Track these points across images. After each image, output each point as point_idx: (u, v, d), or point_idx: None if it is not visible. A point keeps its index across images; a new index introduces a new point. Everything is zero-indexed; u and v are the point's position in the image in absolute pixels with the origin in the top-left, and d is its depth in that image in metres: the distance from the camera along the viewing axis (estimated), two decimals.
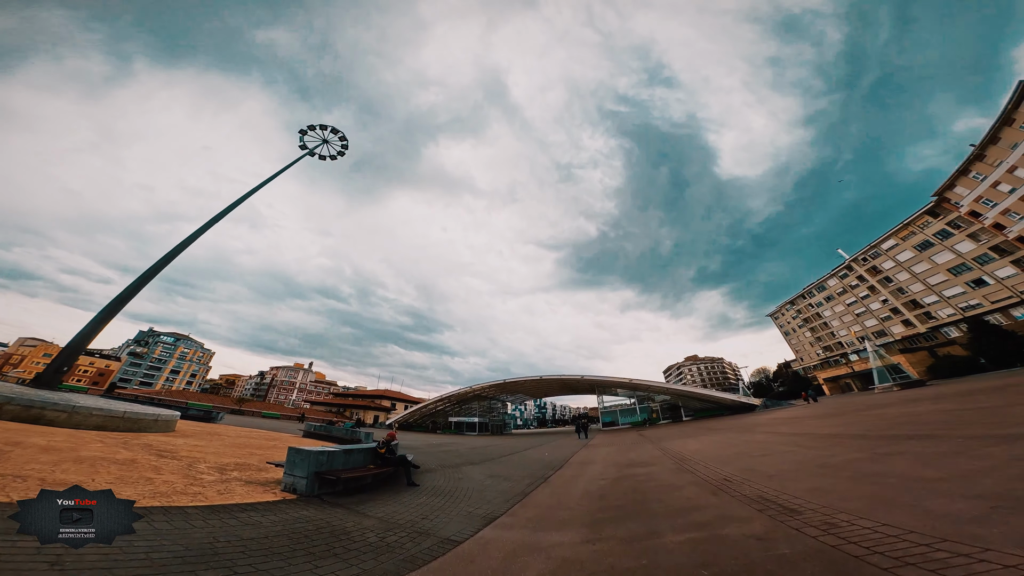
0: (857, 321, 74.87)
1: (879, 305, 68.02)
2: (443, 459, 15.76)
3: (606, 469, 11.61)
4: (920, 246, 56.99)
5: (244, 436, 17.83)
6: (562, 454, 17.56)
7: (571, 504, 7.38)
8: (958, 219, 50.83)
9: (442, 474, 11.77)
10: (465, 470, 12.74)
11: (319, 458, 8.07)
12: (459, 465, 13.93)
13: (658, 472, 9.82)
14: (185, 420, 21.54)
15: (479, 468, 13.33)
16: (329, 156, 28.98)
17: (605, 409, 52.81)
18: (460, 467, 13.44)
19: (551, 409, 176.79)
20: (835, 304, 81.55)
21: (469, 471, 12.55)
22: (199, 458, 10.10)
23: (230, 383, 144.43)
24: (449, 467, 13.41)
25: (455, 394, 56.88)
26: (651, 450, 15.52)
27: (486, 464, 14.46)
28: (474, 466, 13.85)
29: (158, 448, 10.65)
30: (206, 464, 9.44)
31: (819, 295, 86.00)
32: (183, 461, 9.34)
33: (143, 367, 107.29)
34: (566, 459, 15.18)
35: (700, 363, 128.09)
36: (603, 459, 14.40)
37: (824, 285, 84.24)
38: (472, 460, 15.72)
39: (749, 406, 41.19)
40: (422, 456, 16.33)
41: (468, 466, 13.83)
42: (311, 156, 28.04)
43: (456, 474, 11.87)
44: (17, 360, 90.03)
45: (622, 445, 19.76)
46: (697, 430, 23.43)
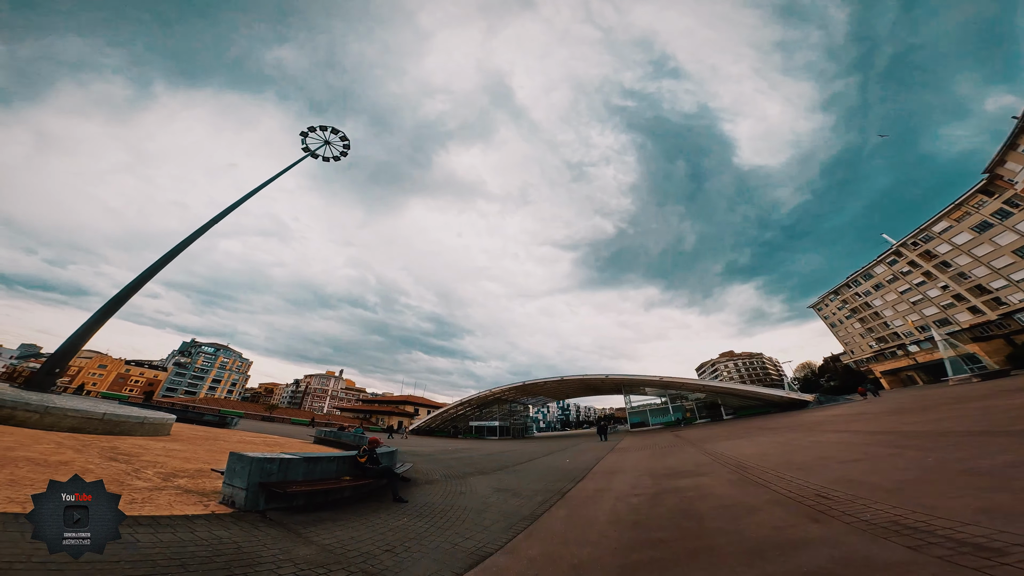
0: (914, 310, 68.31)
1: (938, 292, 61.56)
2: (451, 467, 13.89)
3: (640, 480, 9.35)
4: (978, 227, 51.37)
5: (241, 442, 16.65)
6: (585, 460, 15.29)
7: (593, 534, 5.28)
8: (1015, 197, 45.27)
9: (443, 487, 9.87)
10: (471, 481, 10.79)
11: (265, 466, 6.37)
12: (466, 475, 12.00)
13: (712, 484, 7.51)
14: (199, 425, 20.70)
15: (487, 479, 11.34)
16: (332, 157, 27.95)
17: (633, 409, 49.53)
18: (466, 478, 11.51)
19: (575, 411, 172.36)
20: (886, 292, 75.21)
21: (475, 483, 10.59)
22: (158, 463, 8.84)
23: (268, 391, 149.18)
24: (454, 477, 11.51)
25: (475, 398, 55.08)
26: (694, 454, 13.03)
27: (497, 474, 12.45)
28: (483, 476, 11.88)
29: (122, 452, 9.56)
30: (157, 470, 8.06)
31: (866, 283, 79.59)
32: (132, 465, 8.14)
33: (187, 377, 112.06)
34: (589, 467, 12.93)
35: (737, 359, 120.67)
36: (635, 466, 12.07)
37: (871, 273, 77.96)
38: (483, 468, 13.75)
39: (800, 402, 37.23)
40: (430, 464, 14.54)
41: (476, 476, 11.88)
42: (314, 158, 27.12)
43: (459, 487, 9.94)
44: (75, 371, 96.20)
45: (656, 448, 17.22)
46: (745, 430, 20.47)
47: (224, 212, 21.08)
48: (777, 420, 24.55)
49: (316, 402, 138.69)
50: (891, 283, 72.88)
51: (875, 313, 78.99)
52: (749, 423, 26.82)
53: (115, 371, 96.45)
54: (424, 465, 14.09)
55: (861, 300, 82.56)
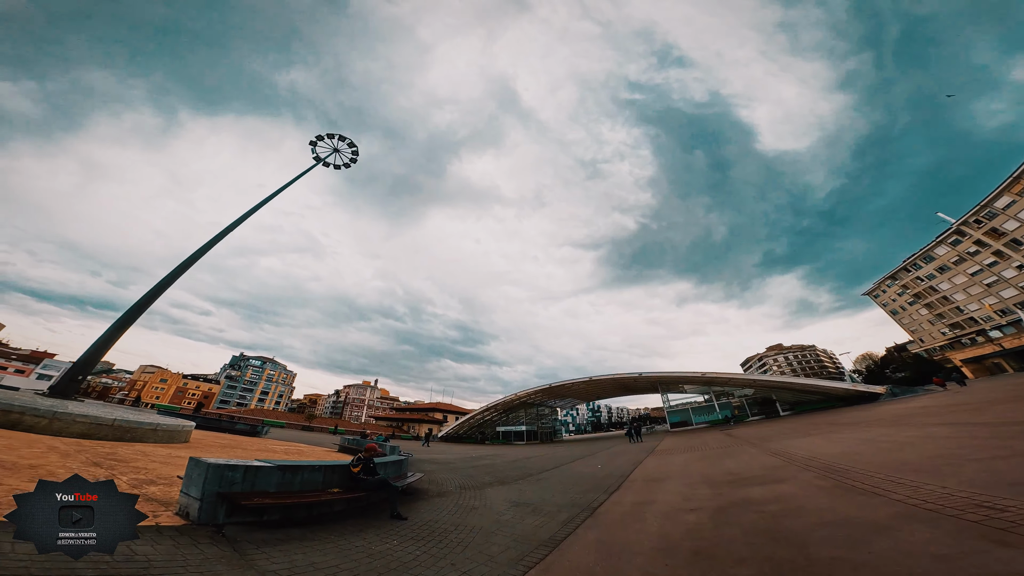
0: (990, 292, 60.90)
1: (1014, 272, 54.21)
2: (469, 477, 12.46)
3: (694, 489, 7.50)
4: None
5: (260, 449, 16.03)
6: (619, 466, 13.39)
7: (634, 569, 3.62)
8: None
9: (454, 500, 8.47)
10: (488, 494, 9.31)
11: (226, 474, 5.24)
12: (483, 486, 10.52)
13: (799, 493, 5.62)
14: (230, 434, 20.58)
15: (507, 490, 9.82)
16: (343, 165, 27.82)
17: (672, 408, 46.14)
18: (483, 489, 10.04)
19: (606, 412, 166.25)
20: (953, 275, 67.81)
21: (492, 495, 9.10)
22: (145, 469, 8.14)
23: (312, 402, 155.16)
24: (470, 488, 10.07)
25: (501, 403, 53.48)
26: (758, 455, 10.86)
27: (518, 484, 10.89)
28: (503, 487, 10.36)
29: (115, 457, 9.01)
30: (137, 476, 7.41)
31: (928, 266, 72.07)
32: (113, 471, 7.44)
33: (238, 389, 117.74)
34: (625, 474, 11.08)
35: (787, 352, 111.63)
36: (683, 471, 10.11)
37: (931, 255, 70.70)
38: (504, 478, 12.22)
39: (869, 395, 33.25)
40: (448, 473, 13.20)
41: (495, 487, 10.38)
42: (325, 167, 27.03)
43: (472, 500, 8.49)
44: (141, 386, 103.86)
45: (707, 449, 14.96)
46: (811, 426, 17.69)
47: (239, 220, 21.09)
48: (847, 415, 21.30)
49: (355, 411, 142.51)
50: (958, 264, 65.85)
51: (944, 298, 71.30)
52: (812, 419, 23.60)
53: (175, 385, 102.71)
54: (441, 475, 12.77)
55: (924, 284, 74.71)
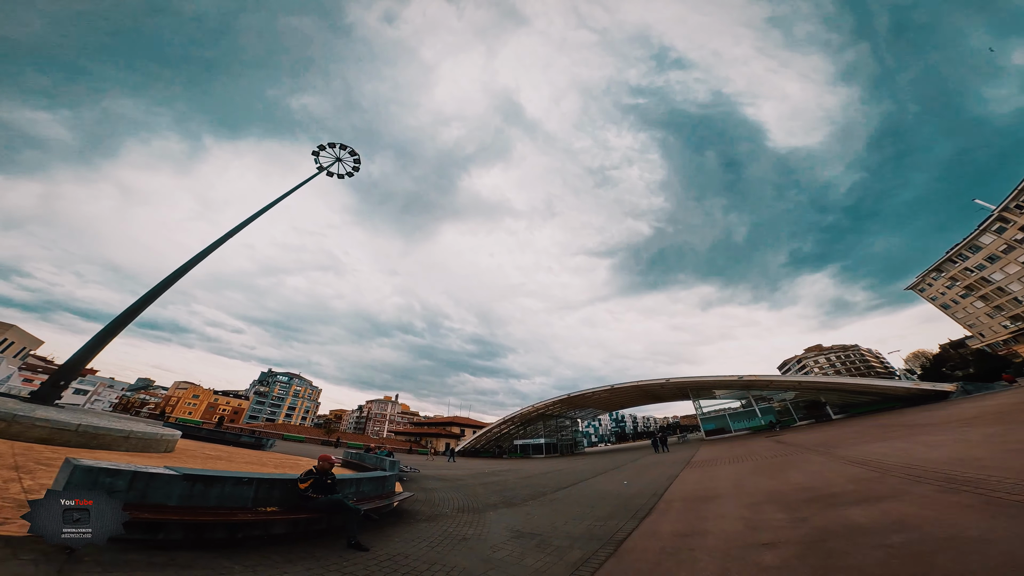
0: None
1: None
2: (473, 497, 10.65)
3: (759, 513, 5.54)
4: None
5: (250, 462, 14.61)
6: (650, 481, 11.29)
7: None
8: None
9: (444, 526, 6.76)
10: (488, 519, 7.55)
11: (100, 479, 3.82)
12: (485, 508, 8.74)
13: (933, 516, 3.76)
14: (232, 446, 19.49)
15: (511, 514, 8.01)
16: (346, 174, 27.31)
17: (706, 415, 42.47)
18: (484, 512, 8.26)
19: (630, 422, 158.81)
20: (1005, 264, 61.72)
21: (493, 521, 7.34)
22: None
23: (338, 417, 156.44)
24: (469, 511, 8.31)
25: (518, 415, 50.65)
26: (832, 465, 8.64)
27: (527, 505, 9.05)
28: (508, 510, 8.57)
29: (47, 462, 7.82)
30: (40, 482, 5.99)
31: (975, 256, 65.84)
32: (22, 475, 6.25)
33: (266, 405, 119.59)
34: (658, 491, 9.07)
35: (828, 353, 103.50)
36: (736, 487, 8.01)
37: (977, 244, 64.68)
38: (512, 497, 10.37)
39: (937, 394, 29.38)
40: (450, 492, 11.46)
41: (499, 510, 8.58)
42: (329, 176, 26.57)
43: (466, 527, 6.75)
44: (175, 402, 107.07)
45: (759, 459, 12.54)
46: (881, 428, 14.93)
47: (240, 226, 20.53)
48: (919, 416, 18.14)
49: (376, 426, 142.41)
50: (1008, 253, 59.84)
51: (999, 289, 64.67)
52: (875, 421, 20.42)
53: (206, 401, 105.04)
54: (442, 494, 11.02)
55: (975, 275, 68.12)
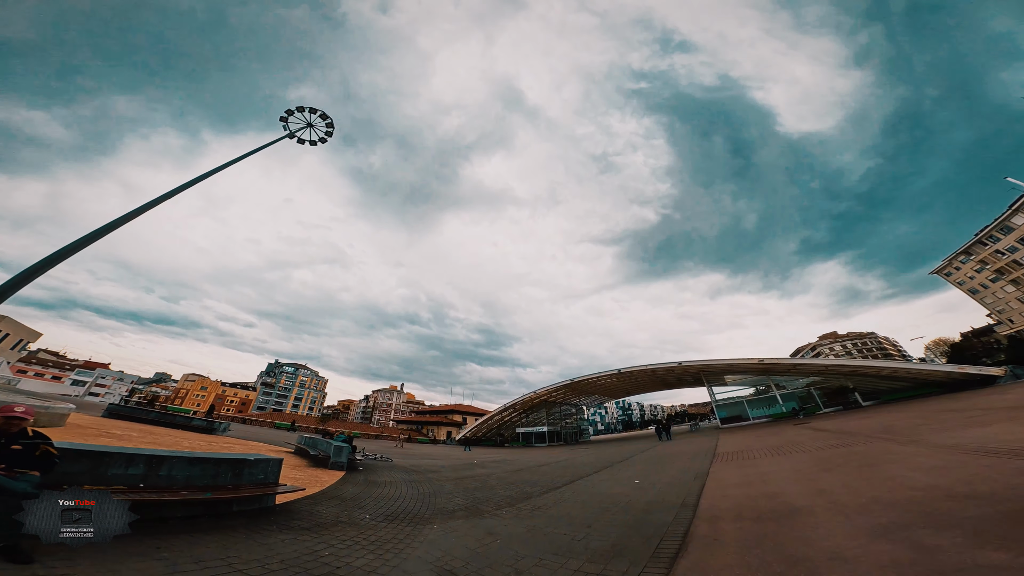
0: None
1: None
2: (429, 496, 8.01)
3: (926, 551, 2.65)
4: None
5: (155, 444, 12.27)
6: (671, 480, 8.57)
7: None
8: None
9: (326, 544, 4.09)
10: (418, 539, 4.89)
11: None
12: (430, 518, 6.09)
13: None
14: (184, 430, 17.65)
15: (460, 534, 5.30)
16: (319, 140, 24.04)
17: (722, 402, 39.53)
18: (423, 525, 5.60)
19: (638, 410, 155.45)
20: None
21: (421, 543, 4.64)
22: None
23: (346, 408, 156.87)
24: (401, 520, 5.72)
25: (519, 402, 47.81)
26: (947, 457, 5.77)
27: (495, 517, 6.35)
28: (462, 523, 5.88)
29: None
30: None
31: (1007, 238, 61.25)
32: None
33: (273, 396, 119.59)
34: (686, 498, 6.39)
35: (844, 340, 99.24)
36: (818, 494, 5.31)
37: (1008, 225, 60.10)
38: (481, 502, 7.69)
39: (982, 379, 26.28)
40: (409, 488, 8.86)
41: (450, 521, 5.92)
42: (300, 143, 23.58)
43: (359, 553, 4.05)
44: (184, 393, 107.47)
45: (811, 452, 9.63)
46: (956, 414, 11.94)
47: (178, 189, 17.82)
48: (984, 399, 15.09)
49: (382, 416, 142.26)
50: None
51: None
52: (926, 407, 17.40)
53: (214, 392, 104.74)
54: (391, 489, 8.42)
55: (1007, 258, 63.60)
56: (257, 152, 19.78)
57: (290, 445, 17.32)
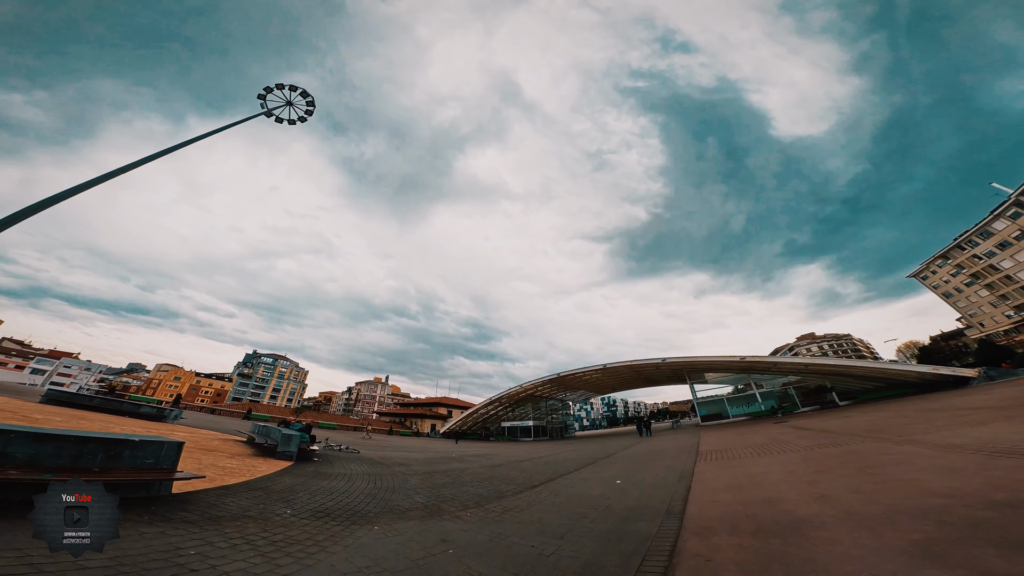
0: None
1: None
2: (384, 492, 7.18)
3: None
4: None
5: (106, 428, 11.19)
6: (653, 481, 7.96)
7: None
8: None
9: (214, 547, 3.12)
10: (348, 542, 4.01)
11: None
12: (375, 517, 5.27)
13: None
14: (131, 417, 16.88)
15: (404, 538, 4.49)
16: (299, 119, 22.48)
17: (702, 400, 39.76)
18: (361, 526, 4.77)
19: (622, 407, 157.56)
20: (1017, 251, 59.93)
21: (345, 551, 3.75)
22: None
23: (328, 400, 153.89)
24: (335, 518, 4.87)
25: (505, 396, 47.45)
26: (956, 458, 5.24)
27: (456, 520, 5.57)
28: (413, 525, 5.10)
29: None
30: None
31: (986, 243, 63.77)
32: None
33: (250, 387, 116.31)
34: (671, 503, 5.78)
35: (820, 341, 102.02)
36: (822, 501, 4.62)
37: (989, 230, 62.53)
38: (445, 501, 6.92)
39: (957, 379, 26.86)
40: (358, 482, 8.00)
41: (400, 522, 5.08)
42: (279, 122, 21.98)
43: (259, 562, 3.14)
44: (156, 384, 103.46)
45: (799, 452, 9.18)
46: (930, 413, 11.73)
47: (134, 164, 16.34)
48: (962, 400, 15.08)
49: (365, 408, 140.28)
50: (1021, 240, 58.10)
51: (1007, 277, 63.01)
52: (905, 406, 17.40)
53: (188, 382, 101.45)
54: (343, 483, 7.55)
55: (983, 263, 66.19)
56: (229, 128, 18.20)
57: (243, 434, 16.24)
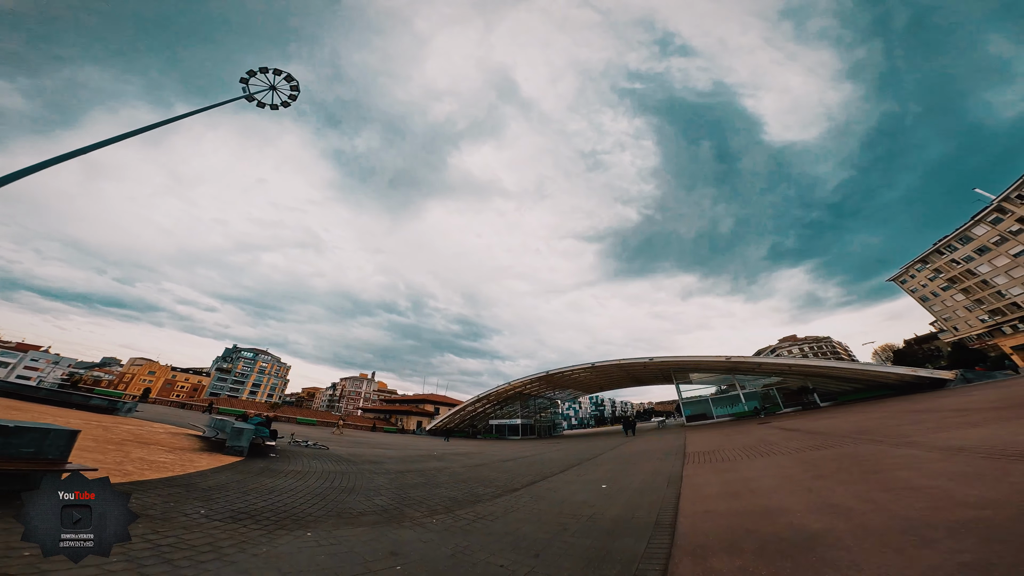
0: None
1: None
2: (338, 493, 6.48)
3: None
4: None
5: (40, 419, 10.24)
6: (640, 486, 7.50)
7: None
8: None
9: None
10: (269, 551, 3.26)
11: None
12: (312, 522, 4.53)
13: None
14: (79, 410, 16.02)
15: (358, 544, 3.78)
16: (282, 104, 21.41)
17: (688, 400, 39.90)
18: (288, 532, 4.01)
19: (609, 406, 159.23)
20: (994, 256, 62.31)
21: (274, 553, 3.07)
22: None
23: (311, 395, 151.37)
24: (267, 524, 4.05)
25: (493, 393, 46.75)
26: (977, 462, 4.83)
27: (424, 525, 4.93)
28: (370, 531, 4.35)
29: None
30: None
31: (965, 248, 66.13)
32: None
33: (228, 382, 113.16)
34: (659, 514, 5.27)
35: (802, 343, 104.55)
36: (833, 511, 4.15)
37: (969, 235, 64.79)
38: (407, 504, 6.27)
39: (935, 381, 27.44)
40: (312, 480, 7.25)
41: (346, 527, 4.40)
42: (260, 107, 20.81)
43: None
44: (129, 378, 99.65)
45: (792, 454, 8.79)
46: (914, 414, 11.61)
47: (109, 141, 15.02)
48: (940, 402, 15.12)
49: (350, 404, 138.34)
50: (1000, 245, 60.12)
51: (983, 282, 65.39)
52: (883, 409, 17.44)
53: (163, 377, 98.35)
54: (307, 482, 6.82)
55: (961, 267, 68.51)
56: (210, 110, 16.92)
57: (192, 427, 15.31)
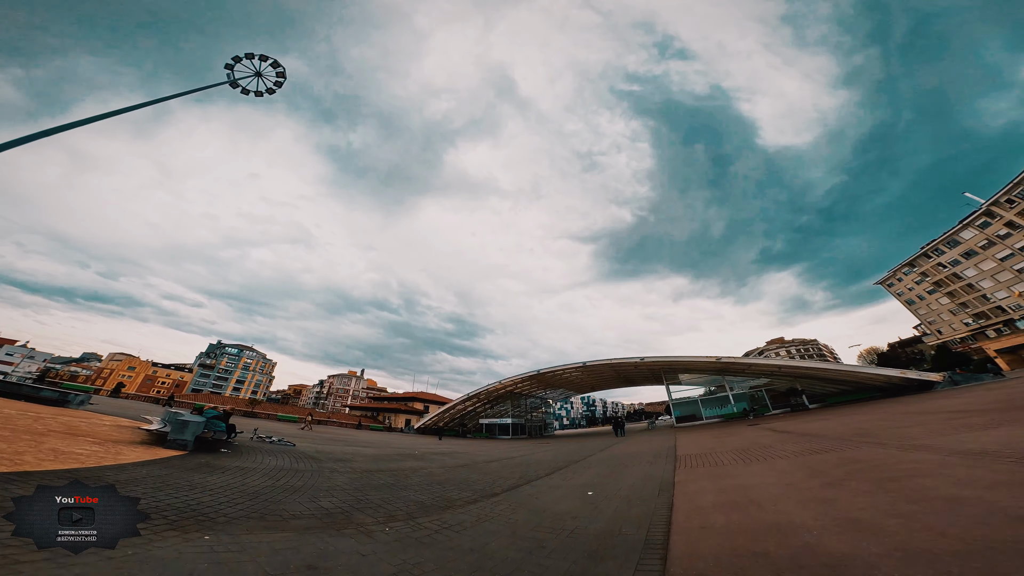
0: (1021, 278, 56.35)
1: None
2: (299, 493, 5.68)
3: None
4: None
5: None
6: (629, 494, 6.87)
7: None
8: None
9: None
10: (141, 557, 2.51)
11: None
12: (233, 523, 3.71)
13: None
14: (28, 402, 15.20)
15: (278, 555, 3.02)
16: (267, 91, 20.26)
17: (678, 400, 39.64)
18: (210, 531, 3.23)
19: (600, 406, 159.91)
20: (980, 260, 63.60)
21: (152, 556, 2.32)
22: None
23: (297, 392, 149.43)
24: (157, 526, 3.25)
25: (483, 392, 46.02)
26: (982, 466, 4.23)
27: (372, 534, 4.17)
28: (297, 537, 3.59)
29: None
30: None
31: (952, 251, 67.38)
32: None
33: (211, 378, 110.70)
34: (649, 530, 4.58)
35: (789, 346, 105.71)
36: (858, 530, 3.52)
37: (956, 239, 66.05)
38: (372, 508, 5.50)
39: (923, 383, 27.49)
40: (260, 479, 6.42)
41: (265, 536, 3.58)
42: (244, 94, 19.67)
43: None
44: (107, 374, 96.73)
45: (791, 458, 8.15)
46: (903, 416, 11.18)
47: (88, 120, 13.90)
48: (931, 403, 14.82)
49: (338, 402, 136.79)
50: (987, 249, 61.22)
51: (968, 285, 66.70)
52: (875, 410, 17.12)
53: (143, 373, 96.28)
54: (247, 479, 6.01)
55: (947, 271, 69.73)
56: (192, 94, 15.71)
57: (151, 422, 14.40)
